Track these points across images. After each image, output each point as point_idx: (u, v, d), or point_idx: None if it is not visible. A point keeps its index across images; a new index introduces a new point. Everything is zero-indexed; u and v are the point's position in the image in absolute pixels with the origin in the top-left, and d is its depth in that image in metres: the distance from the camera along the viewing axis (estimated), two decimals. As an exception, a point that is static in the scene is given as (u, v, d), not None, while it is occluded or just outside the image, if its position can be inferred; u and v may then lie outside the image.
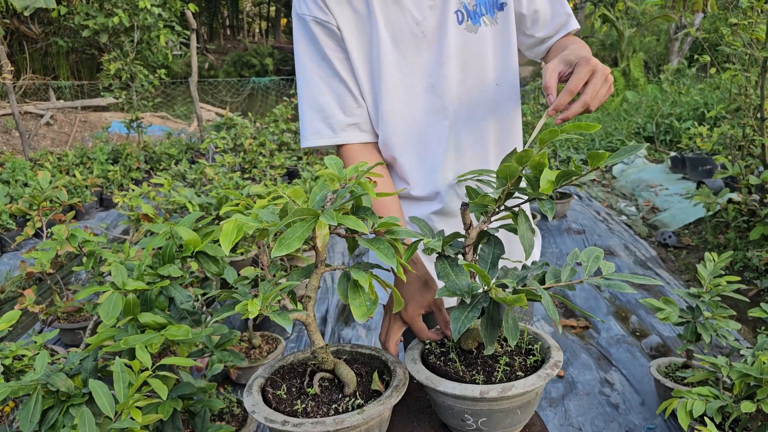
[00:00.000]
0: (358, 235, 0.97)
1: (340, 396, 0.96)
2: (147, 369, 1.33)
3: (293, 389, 0.98)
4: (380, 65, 1.31)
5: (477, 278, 1.05)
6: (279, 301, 0.92)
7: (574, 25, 1.38)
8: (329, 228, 0.88)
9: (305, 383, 0.99)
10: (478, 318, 1.00)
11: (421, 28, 1.31)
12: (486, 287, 0.98)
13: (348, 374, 0.97)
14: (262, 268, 2.83)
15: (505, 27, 1.36)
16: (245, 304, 0.80)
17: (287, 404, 0.93)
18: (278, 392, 0.96)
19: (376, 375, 1.01)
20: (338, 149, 1.36)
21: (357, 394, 0.96)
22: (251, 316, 0.79)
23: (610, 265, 1.03)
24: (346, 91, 1.33)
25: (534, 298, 0.97)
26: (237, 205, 1.00)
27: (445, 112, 1.35)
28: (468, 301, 0.97)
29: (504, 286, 1.01)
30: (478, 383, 0.99)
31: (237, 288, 1.00)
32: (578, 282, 1.02)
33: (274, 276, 0.96)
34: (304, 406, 0.92)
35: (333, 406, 0.92)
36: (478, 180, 1.26)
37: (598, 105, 1.08)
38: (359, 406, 0.92)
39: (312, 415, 0.90)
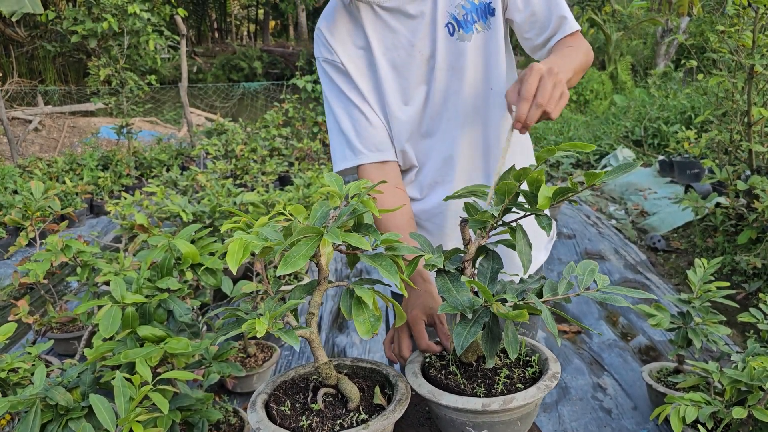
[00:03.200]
0: (359, 252, 0.98)
1: (343, 411, 0.97)
2: (147, 383, 1.32)
3: (297, 405, 0.99)
4: (384, 91, 1.42)
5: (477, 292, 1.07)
6: (282, 317, 0.93)
7: (573, 27, 1.38)
8: (332, 245, 0.90)
9: (309, 399, 1.00)
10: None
11: (417, 47, 1.39)
12: (487, 302, 1.00)
13: (351, 389, 0.98)
14: (260, 278, 2.82)
15: (498, 31, 1.40)
16: (252, 323, 0.81)
17: (292, 420, 0.94)
18: (282, 408, 0.97)
19: (377, 389, 1.02)
20: (357, 170, 1.47)
21: (360, 408, 0.98)
22: (260, 335, 0.80)
23: (604, 278, 1.06)
24: (360, 116, 1.44)
25: (534, 311, 0.99)
26: (237, 222, 1.01)
27: (445, 122, 1.42)
28: (470, 316, 0.98)
29: (504, 301, 1.02)
30: (480, 396, 1.00)
31: (238, 304, 1.01)
32: (575, 295, 1.04)
33: (278, 292, 0.97)
34: (309, 422, 0.93)
35: (338, 422, 0.93)
36: (473, 194, 1.28)
37: (557, 110, 1.12)
38: (363, 421, 0.93)
39: (317, 431, 0.91)
